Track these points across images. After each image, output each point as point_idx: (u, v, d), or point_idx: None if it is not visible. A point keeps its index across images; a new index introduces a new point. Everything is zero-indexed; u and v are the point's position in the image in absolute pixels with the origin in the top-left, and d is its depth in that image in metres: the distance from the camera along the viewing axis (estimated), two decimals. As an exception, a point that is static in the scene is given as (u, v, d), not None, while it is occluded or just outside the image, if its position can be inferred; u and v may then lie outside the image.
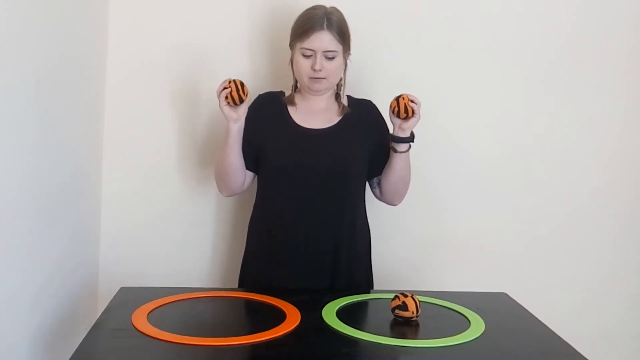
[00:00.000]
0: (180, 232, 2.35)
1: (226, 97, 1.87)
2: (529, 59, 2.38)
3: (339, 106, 2.01)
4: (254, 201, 2.06)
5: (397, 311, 1.63)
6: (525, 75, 2.39)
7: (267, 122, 1.97)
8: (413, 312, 1.62)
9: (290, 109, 1.99)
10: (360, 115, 2.01)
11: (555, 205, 2.44)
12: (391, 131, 1.98)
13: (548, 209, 2.44)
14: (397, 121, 1.94)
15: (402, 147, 1.95)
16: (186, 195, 2.34)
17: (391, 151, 1.98)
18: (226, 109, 1.89)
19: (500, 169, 2.41)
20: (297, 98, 2.02)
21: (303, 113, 1.99)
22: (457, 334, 1.56)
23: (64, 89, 1.87)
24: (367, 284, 2.05)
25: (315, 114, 1.99)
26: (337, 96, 2.03)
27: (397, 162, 1.97)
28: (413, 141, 1.96)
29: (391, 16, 2.31)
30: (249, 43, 2.30)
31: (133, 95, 2.28)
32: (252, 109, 1.98)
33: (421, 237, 2.42)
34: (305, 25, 1.89)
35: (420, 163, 2.30)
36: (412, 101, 1.90)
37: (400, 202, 2.08)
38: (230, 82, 1.87)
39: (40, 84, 1.67)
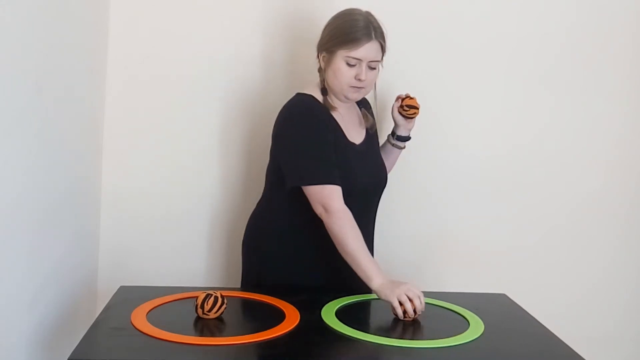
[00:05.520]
0: (179, 231, 2.35)
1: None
2: (529, 59, 2.38)
3: (362, 114, 2.01)
4: (257, 201, 2.03)
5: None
6: (525, 75, 2.39)
7: (332, 137, 1.86)
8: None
9: (340, 123, 1.90)
10: (369, 118, 2.03)
11: (555, 205, 2.45)
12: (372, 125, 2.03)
13: (548, 209, 2.44)
14: (404, 122, 2.06)
15: (404, 144, 2.11)
16: (185, 194, 2.34)
17: (390, 146, 2.11)
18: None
19: (500, 169, 2.41)
20: (335, 104, 1.92)
21: (344, 125, 1.92)
22: (456, 334, 1.56)
23: (64, 89, 1.87)
24: None
25: (350, 125, 1.95)
26: (357, 103, 2.01)
27: (396, 155, 2.12)
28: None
29: (389, 14, 2.28)
30: (249, 40, 2.30)
31: (133, 95, 2.28)
32: (320, 119, 1.85)
33: (421, 238, 2.42)
34: (354, 34, 1.81)
35: (419, 163, 2.32)
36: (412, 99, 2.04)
37: None
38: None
39: (41, 83, 1.67)
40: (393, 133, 2.10)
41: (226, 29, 2.29)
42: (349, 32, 1.83)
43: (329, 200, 1.78)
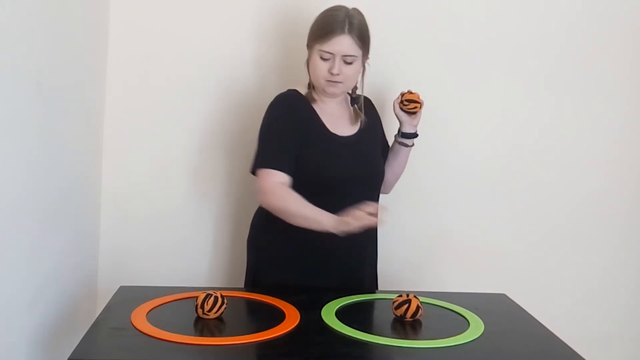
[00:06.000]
0: (179, 231, 2.35)
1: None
2: (529, 59, 2.38)
3: (353, 110, 2.00)
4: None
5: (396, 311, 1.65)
6: (525, 75, 2.39)
7: (304, 128, 1.89)
8: None
9: (321, 115, 1.92)
10: (368, 116, 2.01)
11: (555, 205, 2.45)
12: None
13: (548, 209, 2.44)
14: (407, 118, 2.03)
15: (411, 141, 2.07)
16: (185, 194, 2.34)
17: (398, 145, 2.07)
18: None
19: (500, 169, 2.42)
20: (319, 98, 1.96)
21: (329, 118, 1.94)
22: (456, 334, 1.56)
23: (65, 89, 1.87)
24: (375, 285, 2.08)
25: (338, 118, 1.96)
26: (351, 100, 2.01)
27: (404, 155, 2.08)
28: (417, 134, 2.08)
29: (390, 14, 2.30)
30: (249, 40, 2.30)
31: (133, 95, 2.29)
32: (289, 110, 1.90)
33: (421, 238, 2.42)
34: (326, 27, 1.85)
35: (420, 163, 2.31)
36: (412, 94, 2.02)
37: (390, 190, 2.15)
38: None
39: (41, 84, 1.67)
40: (399, 131, 2.09)
41: (226, 28, 2.29)
42: (323, 26, 1.87)
43: (262, 181, 1.83)
